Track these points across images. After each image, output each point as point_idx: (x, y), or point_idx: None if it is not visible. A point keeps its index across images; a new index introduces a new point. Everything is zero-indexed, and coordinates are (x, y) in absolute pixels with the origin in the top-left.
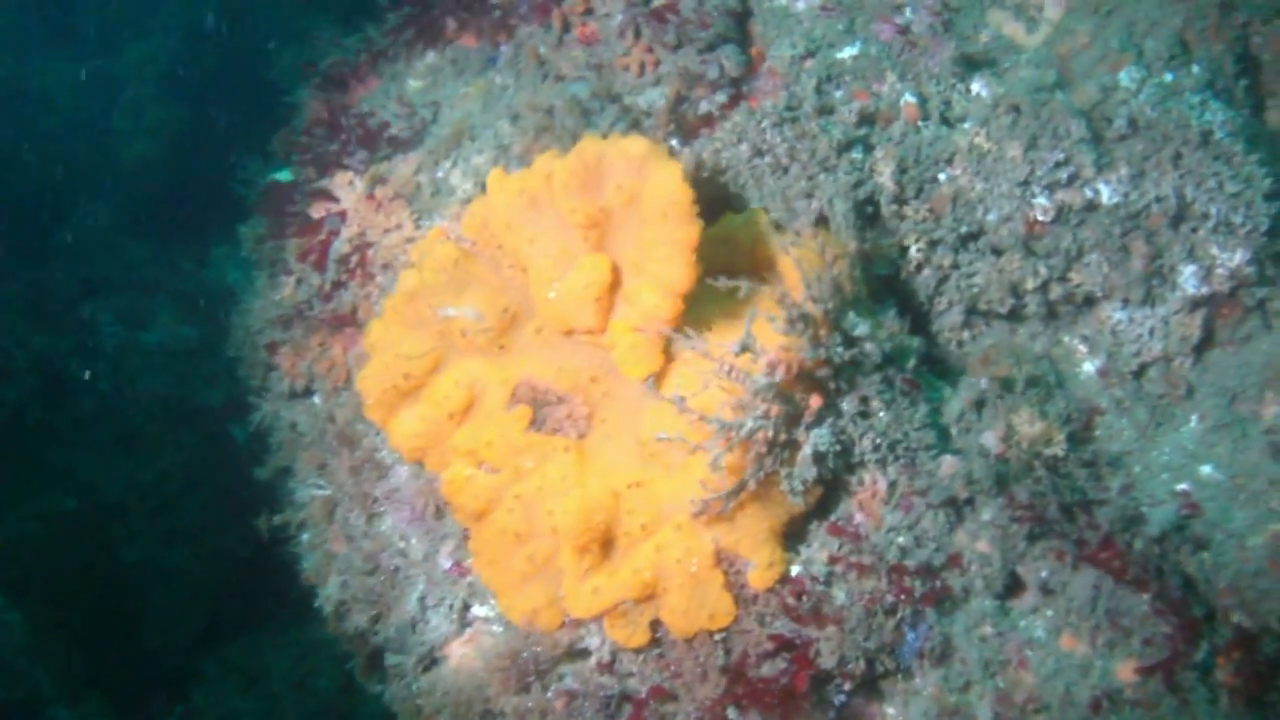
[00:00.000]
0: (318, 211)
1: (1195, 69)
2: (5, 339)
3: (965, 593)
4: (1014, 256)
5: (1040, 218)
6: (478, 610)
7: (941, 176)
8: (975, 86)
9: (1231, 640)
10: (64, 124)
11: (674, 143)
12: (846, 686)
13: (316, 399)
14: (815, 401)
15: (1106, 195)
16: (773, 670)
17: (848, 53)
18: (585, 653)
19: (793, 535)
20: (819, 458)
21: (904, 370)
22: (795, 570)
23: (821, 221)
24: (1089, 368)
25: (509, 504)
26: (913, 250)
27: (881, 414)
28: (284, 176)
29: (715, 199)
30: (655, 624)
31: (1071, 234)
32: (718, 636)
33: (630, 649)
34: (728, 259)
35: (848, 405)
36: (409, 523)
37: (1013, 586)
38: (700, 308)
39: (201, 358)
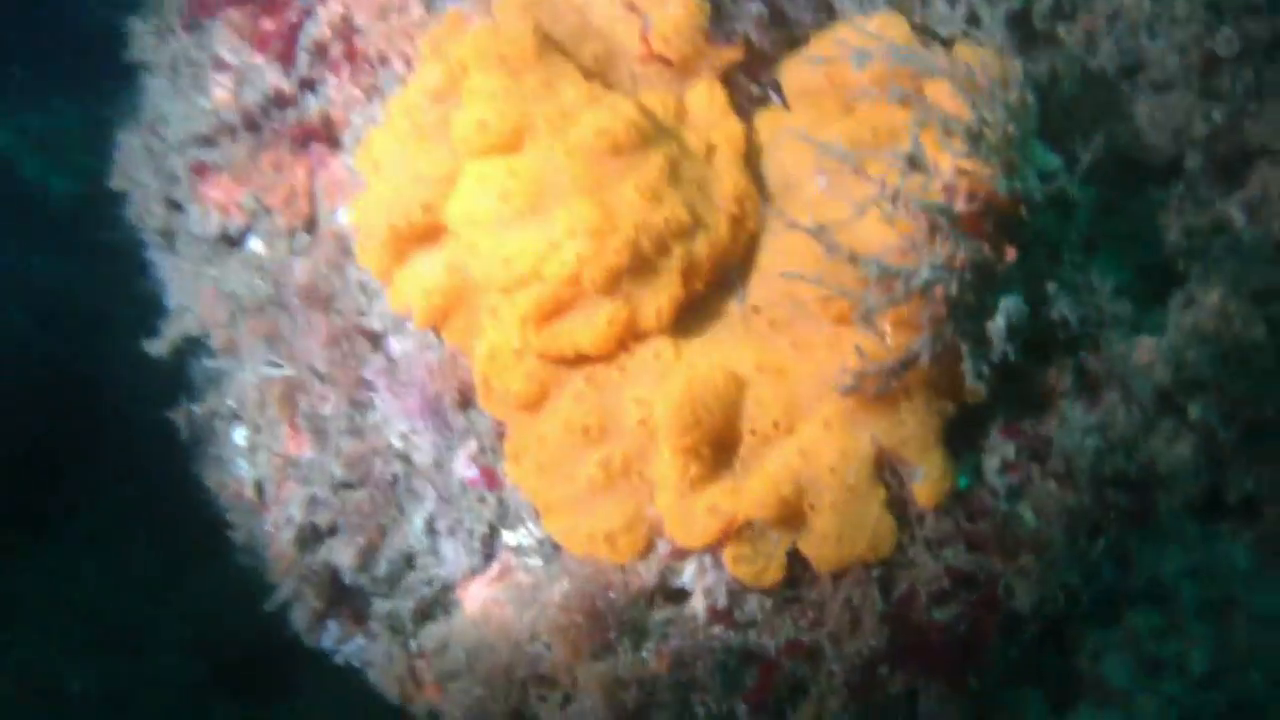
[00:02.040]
0: None
1: None
2: None
3: (1165, 513)
4: (1184, 95)
5: (1221, 50)
6: (508, 537)
7: None
8: None
9: None
10: None
11: None
12: (1034, 633)
13: (257, 244)
14: (1010, 254)
15: None
16: (946, 615)
17: None
18: (681, 594)
19: (957, 438)
20: (1013, 331)
21: (1082, 227)
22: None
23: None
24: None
25: (577, 388)
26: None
27: (1073, 279)
28: None
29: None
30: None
31: (1253, 73)
32: (875, 572)
33: (760, 589)
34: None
35: (1038, 265)
36: (416, 415)
37: (1213, 504)
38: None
39: None
